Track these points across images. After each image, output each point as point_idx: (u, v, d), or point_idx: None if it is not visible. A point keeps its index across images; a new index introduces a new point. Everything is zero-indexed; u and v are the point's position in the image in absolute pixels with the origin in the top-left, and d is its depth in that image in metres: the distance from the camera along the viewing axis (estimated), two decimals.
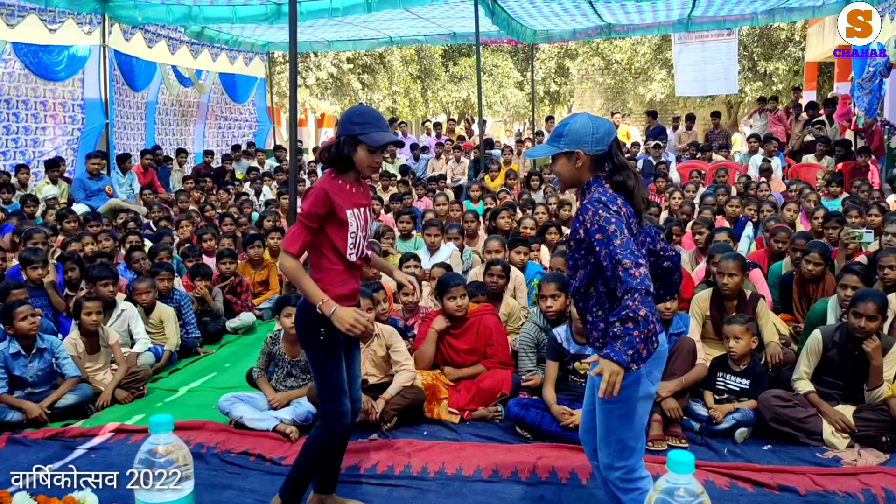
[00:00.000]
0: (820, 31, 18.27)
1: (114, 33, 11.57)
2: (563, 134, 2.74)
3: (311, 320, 3.11)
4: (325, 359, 3.17)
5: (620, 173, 2.71)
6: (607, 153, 2.72)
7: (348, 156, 3.08)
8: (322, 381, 3.20)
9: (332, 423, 3.22)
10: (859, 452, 4.01)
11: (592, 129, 2.70)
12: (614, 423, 2.72)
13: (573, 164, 2.73)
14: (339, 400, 3.20)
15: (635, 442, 2.74)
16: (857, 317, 4.14)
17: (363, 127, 3.05)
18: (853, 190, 9.08)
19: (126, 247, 7.35)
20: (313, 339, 3.14)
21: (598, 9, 12.19)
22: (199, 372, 5.86)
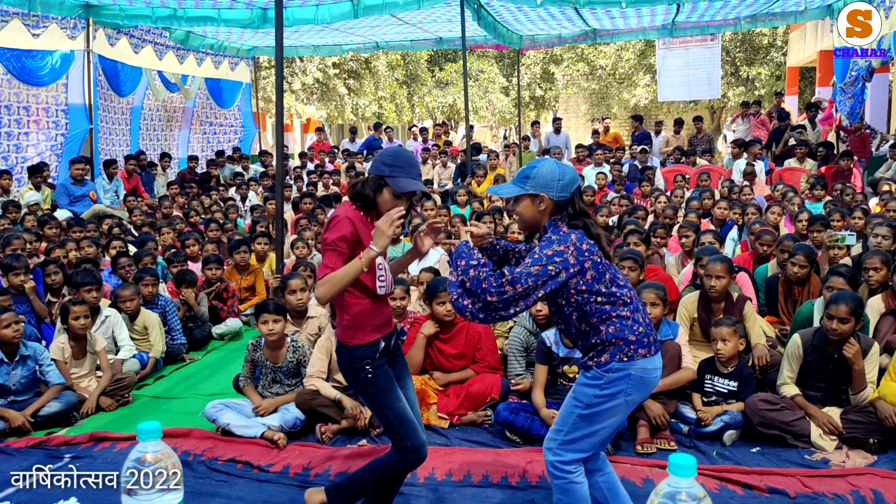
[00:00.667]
0: (801, 36, 18.45)
1: (98, 38, 11.50)
2: (530, 176, 2.83)
3: (353, 363, 3.01)
4: (382, 395, 3.04)
5: (580, 219, 2.81)
6: (569, 200, 2.81)
7: (370, 196, 2.99)
8: (388, 419, 3.04)
9: (411, 458, 3.07)
10: (847, 454, 4.03)
11: (559, 176, 2.80)
12: (571, 418, 2.84)
13: (536, 207, 2.83)
14: (412, 431, 3.05)
15: (585, 446, 2.83)
16: (830, 319, 4.17)
17: (392, 170, 2.97)
18: (836, 193, 9.16)
19: (110, 253, 7.28)
20: (361, 379, 3.02)
21: (584, 14, 12.24)
22: (185, 378, 5.81)
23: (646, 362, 2.78)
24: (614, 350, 2.75)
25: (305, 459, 4.14)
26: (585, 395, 2.79)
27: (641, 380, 2.78)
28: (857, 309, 4.16)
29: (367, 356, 3.00)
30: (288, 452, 4.24)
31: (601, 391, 2.76)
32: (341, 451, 4.23)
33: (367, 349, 3.02)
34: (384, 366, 3.06)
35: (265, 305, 4.70)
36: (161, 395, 5.41)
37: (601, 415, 2.79)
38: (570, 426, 2.82)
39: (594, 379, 2.77)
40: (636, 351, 2.75)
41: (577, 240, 2.74)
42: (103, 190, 10.74)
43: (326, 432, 4.43)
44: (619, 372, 2.74)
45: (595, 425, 2.80)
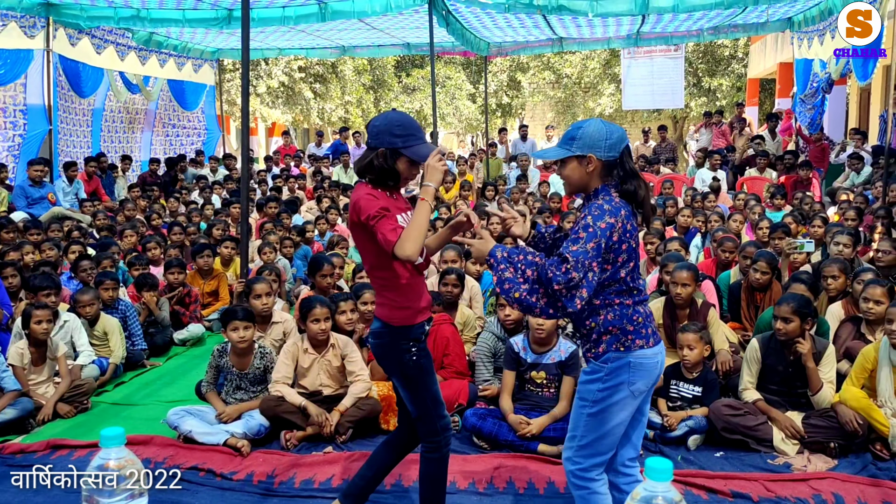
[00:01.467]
0: (762, 48, 18.82)
1: (59, 38, 11.26)
2: (577, 137, 2.70)
3: (401, 345, 2.96)
4: (422, 376, 3.01)
5: (630, 182, 2.68)
6: (618, 160, 2.69)
7: (392, 168, 2.90)
8: (423, 401, 3.02)
9: (442, 440, 3.07)
10: (809, 458, 4.08)
11: (606, 135, 2.67)
12: (582, 420, 2.72)
13: (584, 169, 2.70)
14: (442, 413, 3.07)
15: (601, 446, 2.72)
16: (775, 319, 4.28)
17: (405, 139, 2.87)
18: (796, 202, 9.33)
19: (70, 256, 7.13)
20: (406, 361, 2.98)
21: (551, 22, 12.33)
22: (146, 385, 5.70)
23: (644, 351, 2.67)
24: (611, 339, 2.66)
25: (269, 467, 4.08)
26: (590, 391, 2.70)
27: (642, 366, 2.67)
28: (801, 308, 4.23)
29: (415, 337, 2.97)
30: (251, 460, 4.17)
31: (604, 384, 2.67)
32: (306, 459, 4.17)
33: (416, 329, 2.98)
34: (426, 347, 3.04)
35: (234, 312, 4.63)
36: (121, 402, 5.30)
37: (610, 410, 2.68)
38: (583, 429, 2.72)
39: (594, 373, 2.70)
40: (633, 341, 2.65)
41: (625, 216, 2.62)
42: (63, 192, 10.52)
43: (291, 439, 4.37)
44: (617, 361, 2.65)
45: (607, 423, 2.69)
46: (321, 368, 4.62)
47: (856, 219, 7.50)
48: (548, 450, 4.12)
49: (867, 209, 8.48)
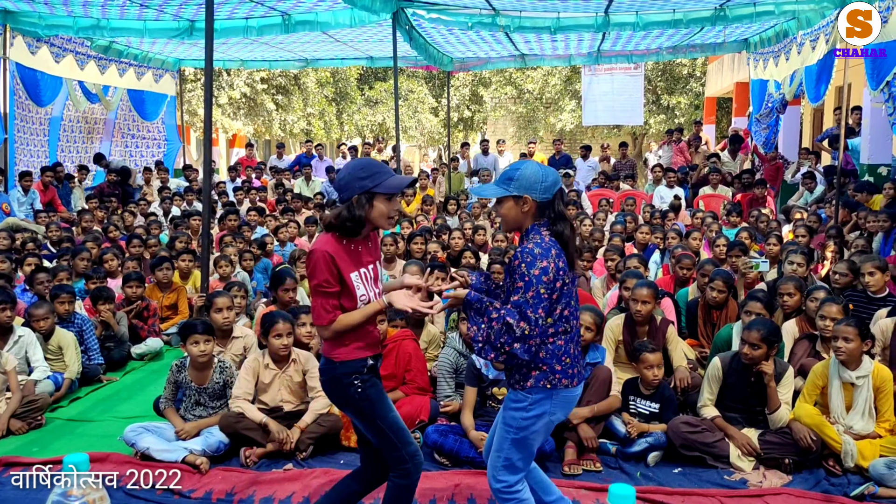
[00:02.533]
0: (719, 68, 19.22)
1: (17, 46, 11.03)
2: (514, 178, 2.87)
3: (342, 380, 2.99)
4: (374, 407, 3.02)
5: (559, 223, 2.88)
6: (550, 202, 2.88)
7: (362, 216, 2.92)
8: (382, 431, 3.02)
9: (410, 468, 3.06)
10: (764, 474, 4.17)
11: (542, 178, 2.86)
12: (506, 444, 2.96)
13: (519, 209, 2.89)
14: (407, 440, 3.06)
15: (522, 464, 2.98)
16: (743, 344, 4.38)
17: (374, 178, 2.90)
18: (751, 220, 9.53)
19: (25, 269, 6.97)
20: (352, 394, 2.99)
21: (514, 38, 12.46)
22: (102, 400, 5.59)
23: (567, 392, 2.92)
24: (539, 376, 2.87)
25: (229, 484, 4.03)
26: (514, 419, 2.93)
27: (564, 399, 2.94)
28: (769, 336, 4.33)
29: (355, 371, 3.00)
30: (210, 477, 4.12)
31: (527, 413, 2.90)
32: (266, 476, 4.14)
33: (356, 364, 3.01)
34: (372, 378, 3.05)
35: (193, 326, 4.58)
36: (76, 418, 5.19)
37: (532, 436, 2.94)
38: (507, 451, 2.96)
39: (518, 402, 2.91)
40: (560, 380, 2.88)
41: (556, 255, 2.82)
42: (18, 202, 10.29)
43: (251, 456, 4.33)
44: (540, 393, 2.88)
45: (528, 448, 2.96)
46: (282, 384, 4.59)
47: (806, 236, 7.69)
48: None
49: (820, 228, 8.69)
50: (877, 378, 4.30)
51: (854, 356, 4.29)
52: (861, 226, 8.34)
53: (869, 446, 4.15)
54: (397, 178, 2.96)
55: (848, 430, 4.29)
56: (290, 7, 10.05)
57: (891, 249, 7.38)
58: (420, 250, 7.66)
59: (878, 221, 7.95)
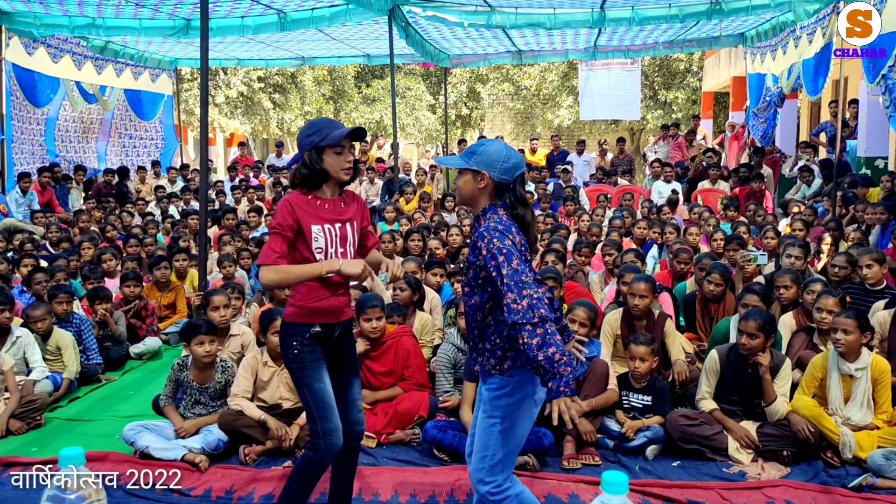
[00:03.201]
0: (716, 62, 19.23)
1: (13, 47, 11.02)
2: (476, 153, 2.83)
3: (284, 338, 3.11)
4: (304, 371, 3.09)
5: (518, 208, 2.82)
6: (509, 185, 2.82)
7: (320, 168, 3.04)
8: (305, 397, 3.11)
9: (321, 443, 3.07)
10: (762, 467, 4.18)
11: (504, 158, 2.80)
12: (493, 437, 2.80)
13: (476, 183, 2.82)
14: (327, 416, 3.07)
15: (509, 459, 2.82)
16: (740, 334, 4.37)
17: (319, 133, 3.04)
18: (749, 214, 9.54)
19: (23, 270, 6.97)
20: (289, 354, 3.10)
21: (511, 34, 12.46)
22: (101, 400, 5.60)
23: None
24: (514, 356, 2.77)
25: (228, 482, 4.04)
26: (499, 407, 2.79)
27: None
28: (766, 325, 4.34)
29: (297, 334, 3.08)
30: (210, 475, 4.12)
31: (511, 398, 2.77)
32: (265, 473, 4.14)
33: (300, 328, 3.09)
34: (315, 346, 3.10)
35: (198, 326, 4.58)
36: (75, 418, 5.19)
37: (518, 423, 2.80)
38: (494, 447, 2.79)
39: (501, 388, 2.78)
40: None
41: (516, 232, 2.76)
42: (16, 203, 10.29)
43: (250, 454, 4.33)
44: (521, 374, 2.76)
45: (517, 436, 2.81)
46: (281, 381, 4.59)
47: (803, 230, 7.70)
48: None
49: (817, 221, 8.70)
50: (875, 370, 4.31)
51: (853, 348, 4.29)
52: (858, 219, 8.35)
53: (867, 438, 4.16)
54: (342, 129, 3.06)
55: (846, 422, 4.30)
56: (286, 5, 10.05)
57: (888, 242, 7.39)
58: (417, 247, 7.66)
59: (876, 214, 7.96)
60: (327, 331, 3.15)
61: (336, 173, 3.07)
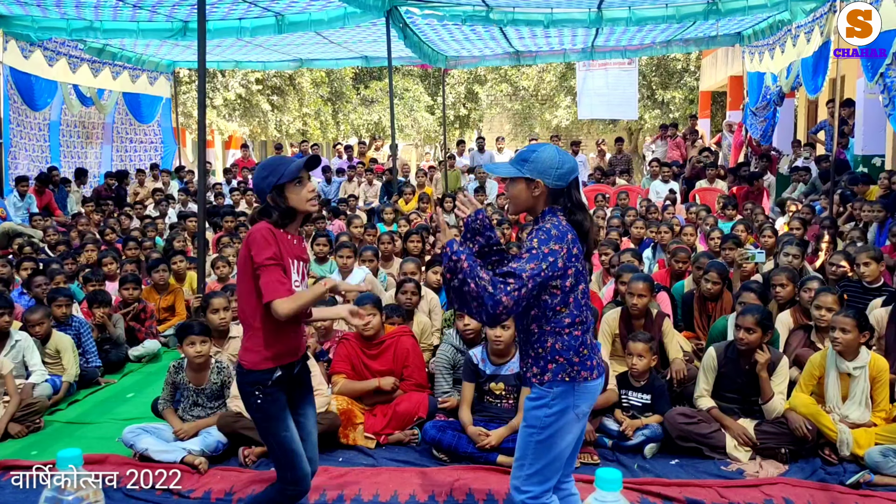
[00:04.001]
0: (713, 61, 19.25)
1: (10, 50, 11.04)
2: (529, 160, 2.75)
3: (245, 387, 3.00)
4: (269, 422, 3.00)
5: (577, 213, 2.75)
6: (564, 190, 2.75)
7: (286, 207, 2.96)
8: (272, 447, 3.03)
9: (290, 491, 3.04)
10: (761, 464, 4.19)
11: (558, 164, 2.72)
12: (531, 448, 2.73)
13: (530, 192, 2.75)
14: (295, 464, 3.02)
15: (549, 471, 2.73)
16: (738, 329, 4.38)
17: (274, 173, 2.96)
18: (746, 213, 9.55)
19: (22, 274, 6.98)
20: (252, 403, 3.00)
21: (508, 35, 12.47)
22: (101, 403, 5.60)
23: (589, 383, 2.74)
24: (557, 368, 2.69)
25: (228, 484, 4.04)
26: (537, 418, 2.72)
27: (586, 390, 2.74)
28: (764, 320, 4.35)
29: (259, 382, 2.97)
30: (209, 477, 4.13)
31: (550, 409, 2.70)
32: (265, 475, 4.14)
33: (261, 375, 2.98)
34: (276, 393, 3.01)
35: (190, 327, 4.59)
36: (75, 421, 5.20)
37: (557, 435, 2.71)
38: (532, 457, 2.73)
39: (539, 398, 2.72)
40: (579, 373, 2.70)
41: (572, 240, 2.68)
42: (14, 207, 10.29)
43: (250, 455, 4.34)
44: (562, 385, 2.69)
45: (555, 448, 2.72)
46: None
47: (801, 228, 7.71)
48: (507, 461, 4.15)
49: (814, 220, 8.71)
50: (873, 368, 4.32)
51: (851, 347, 4.31)
52: (856, 217, 8.36)
53: (864, 435, 4.17)
54: (296, 163, 2.99)
55: (844, 420, 4.31)
56: (284, 8, 10.06)
57: (885, 240, 7.40)
58: (416, 248, 7.66)
59: (873, 212, 7.97)
60: (287, 372, 3.05)
61: (302, 206, 2.99)
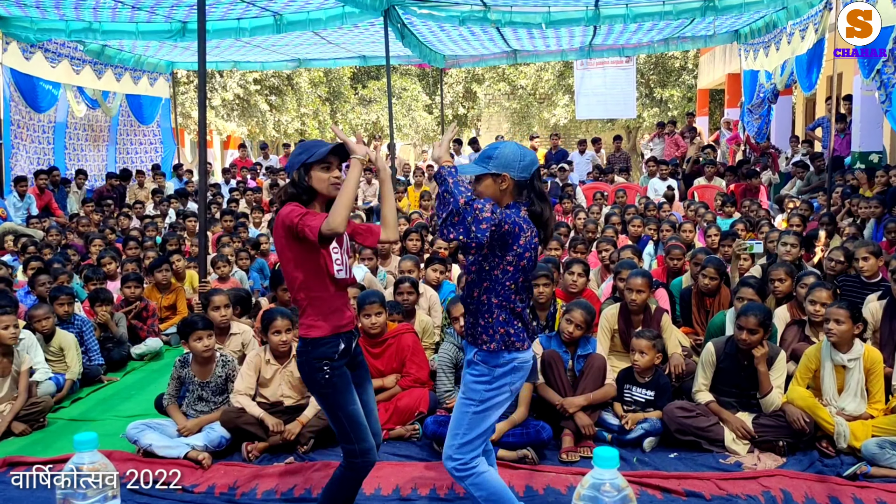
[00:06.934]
0: (711, 59, 19.29)
1: (11, 52, 11.05)
2: (493, 157, 2.95)
3: (313, 363, 3.05)
4: (337, 397, 3.07)
5: (538, 203, 2.96)
6: (529, 182, 2.95)
7: (307, 185, 3.07)
8: (339, 420, 3.09)
9: (359, 463, 3.11)
10: (759, 457, 4.23)
11: (520, 157, 2.93)
12: (466, 418, 2.97)
13: (497, 186, 2.94)
14: (362, 436, 3.09)
15: (479, 441, 2.98)
16: (740, 330, 4.40)
17: (307, 152, 3.09)
18: (745, 209, 9.60)
19: (28, 273, 7.02)
20: (320, 379, 3.06)
21: (505, 34, 12.50)
22: (104, 400, 5.64)
23: (523, 354, 2.98)
24: (500, 339, 2.93)
25: (231, 479, 4.08)
26: (477, 391, 2.96)
27: (522, 368, 2.99)
28: (766, 320, 4.39)
29: (326, 356, 3.05)
30: (213, 472, 4.17)
31: (490, 385, 2.95)
32: (268, 470, 4.18)
33: (328, 349, 3.06)
34: (343, 367, 3.10)
35: (194, 323, 4.63)
36: (78, 418, 5.23)
37: (492, 408, 2.97)
38: (466, 427, 2.97)
39: (482, 375, 2.96)
40: (514, 343, 2.94)
41: (528, 228, 2.90)
42: (14, 207, 10.32)
43: (253, 451, 4.37)
44: (505, 366, 2.94)
45: (488, 420, 2.98)
46: (283, 379, 4.64)
47: (801, 225, 7.75)
48: (506, 455, 4.20)
49: (812, 216, 8.76)
50: (867, 360, 4.36)
51: (845, 339, 4.35)
52: (853, 212, 8.40)
53: (861, 427, 4.21)
54: (327, 146, 3.11)
55: (840, 412, 4.35)
56: (282, 7, 10.08)
57: (882, 235, 7.44)
58: (416, 246, 7.70)
59: (870, 208, 8.01)
60: (348, 344, 3.14)
61: (324, 189, 3.09)
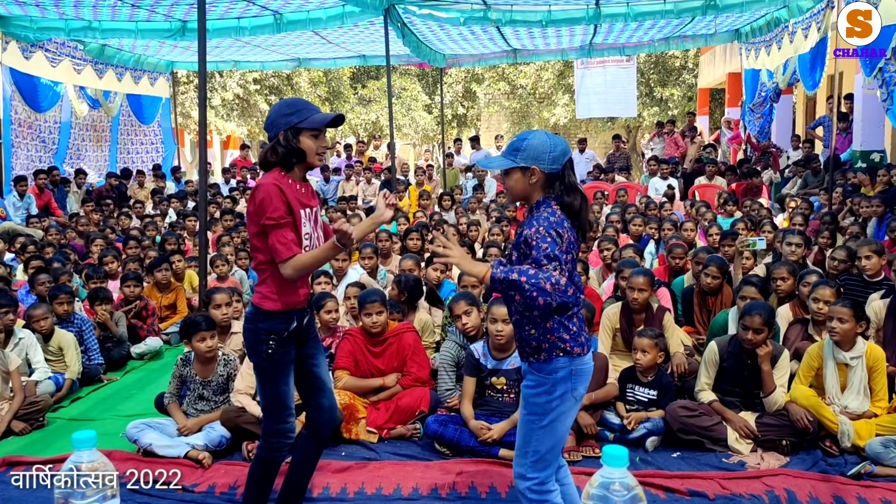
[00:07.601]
0: (711, 59, 19.27)
1: (10, 51, 11.03)
2: (521, 149, 2.76)
3: (259, 334, 3.00)
4: (272, 371, 3.04)
5: (570, 194, 2.75)
6: (560, 173, 2.76)
7: (297, 148, 2.96)
8: (266, 396, 3.07)
9: (274, 443, 3.10)
10: (762, 456, 4.21)
11: (550, 147, 2.74)
12: (534, 434, 2.76)
13: (527, 180, 2.76)
14: (282, 417, 3.07)
15: (551, 456, 2.78)
16: (745, 329, 4.37)
17: (298, 114, 2.96)
18: (746, 209, 9.58)
19: (28, 272, 7.00)
20: (261, 350, 3.01)
21: (506, 34, 12.48)
22: (103, 400, 5.62)
23: (582, 359, 2.78)
24: (550, 347, 2.73)
25: (232, 478, 4.06)
26: (538, 405, 2.76)
27: (582, 372, 2.77)
28: (770, 319, 4.37)
29: (275, 331, 3.00)
30: (213, 472, 4.15)
31: (550, 395, 2.74)
32: None
33: (278, 324, 3.00)
34: (288, 345, 3.05)
35: (197, 323, 4.60)
36: (78, 418, 5.21)
37: (559, 419, 2.76)
38: (536, 443, 2.76)
39: (539, 385, 2.75)
40: (572, 349, 2.74)
41: (568, 228, 2.71)
42: (14, 207, 10.30)
43: (253, 450, 4.35)
44: (561, 371, 2.73)
45: (557, 433, 2.77)
46: None
47: (803, 224, 7.73)
48: (509, 454, 4.16)
49: (814, 215, 8.74)
50: (870, 358, 4.34)
51: (848, 337, 4.33)
52: (855, 212, 8.38)
53: (865, 426, 4.19)
54: (322, 114, 3.01)
55: (843, 411, 4.33)
56: (282, 6, 10.06)
57: (884, 234, 7.42)
58: (416, 246, 7.68)
59: (872, 207, 7.99)
60: (299, 324, 3.07)
61: (311, 156, 3.00)
